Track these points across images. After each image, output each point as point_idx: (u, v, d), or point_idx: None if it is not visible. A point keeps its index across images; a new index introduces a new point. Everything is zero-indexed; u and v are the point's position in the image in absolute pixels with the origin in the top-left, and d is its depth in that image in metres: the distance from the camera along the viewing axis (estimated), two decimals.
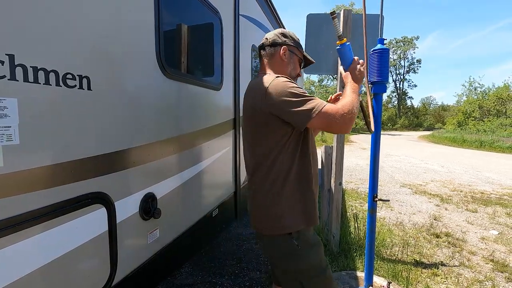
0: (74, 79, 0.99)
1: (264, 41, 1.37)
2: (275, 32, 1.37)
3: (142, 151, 1.36)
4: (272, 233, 1.21)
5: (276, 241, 1.22)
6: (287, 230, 1.19)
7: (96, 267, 1.13)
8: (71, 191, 1.00)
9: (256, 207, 1.27)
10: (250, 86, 1.33)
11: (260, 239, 1.32)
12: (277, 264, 1.30)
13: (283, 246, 1.21)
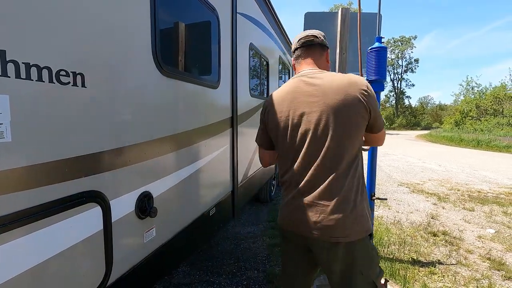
0: (68, 76, 0.97)
1: (315, 38, 1.28)
2: (322, 34, 1.32)
3: (138, 149, 1.35)
4: (359, 237, 1.15)
5: (360, 245, 1.16)
6: (369, 232, 1.19)
7: (91, 266, 1.12)
8: (65, 189, 0.98)
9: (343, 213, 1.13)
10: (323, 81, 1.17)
11: (334, 249, 1.16)
12: (356, 270, 1.17)
13: (367, 249, 1.19)
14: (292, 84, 1.25)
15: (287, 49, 5.66)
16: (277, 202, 4.87)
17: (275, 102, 1.27)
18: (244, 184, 3.01)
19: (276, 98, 1.28)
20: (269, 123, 1.29)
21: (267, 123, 1.31)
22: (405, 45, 40.11)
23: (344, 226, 1.13)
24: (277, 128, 1.25)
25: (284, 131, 1.23)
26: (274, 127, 1.27)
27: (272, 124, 1.28)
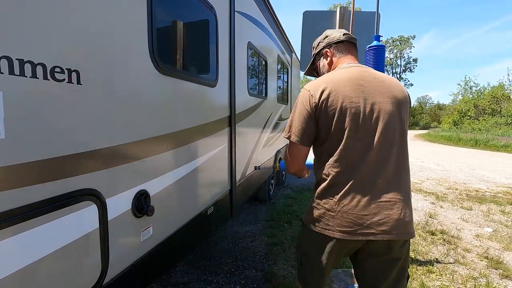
0: (63, 72, 0.96)
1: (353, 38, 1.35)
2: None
3: (134, 147, 1.34)
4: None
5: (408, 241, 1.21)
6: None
7: (86, 265, 1.11)
8: (60, 187, 0.97)
9: (410, 211, 1.15)
10: (385, 77, 1.21)
11: (404, 245, 1.18)
12: (405, 265, 1.21)
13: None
14: (353, 71, 1.18)
15: (286, 48, 5.66)
16: (275, 202, 4.86)
17: (336, 87, 1.12)
18: (242, 183, 3.00)
19: (336, 83, 1.13)
20: (329, 110, 1.11)
21: (324, 111, 1.12)
22: (404, 45, 40.18)
23: (413, 221, 1.18)
24: (342, 116, 1.10)
25: (353, 120, 1.10)
26: (339, 115, 1.10)
27: (334, 112, 1.11)
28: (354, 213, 1.10)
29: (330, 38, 1.32)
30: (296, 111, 1.20)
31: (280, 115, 5.03)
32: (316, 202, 1.20)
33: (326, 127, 1.14)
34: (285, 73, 5.81)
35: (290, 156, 1.27)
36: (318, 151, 1.23)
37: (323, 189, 1.17)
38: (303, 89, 1.20)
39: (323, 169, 1.17)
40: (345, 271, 2.58)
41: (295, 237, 3.29)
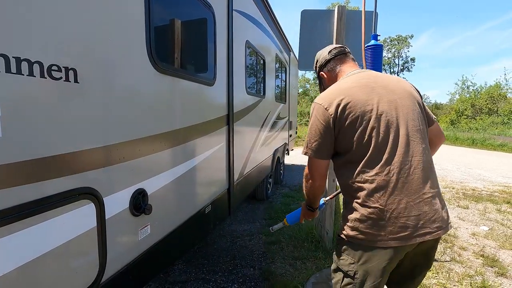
0: (60, 71, 0.96)
1: (345, 48, 1.38)
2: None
3: (132, 146, 1.34)
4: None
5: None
6: None
7: (84, 263, 1.11)
8: (57, 186, 0.97)
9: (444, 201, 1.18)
10: (388, 75, 1.26)
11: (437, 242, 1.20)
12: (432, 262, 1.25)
13: None
14: (359, 76, 1.20)
15: (284, 47, 5.66)
16: (273, 200, 4.87)
17: (349, 95, 1.12)
18: (240, 182, 3.01)
19: (348, 91, 1.13)
20: (349, 118, 1.10)
21: (343, 121, 1.11)
22: (402, 44, 40.29)
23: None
24: (364, 121, 1.09)
25: (375, 121, 1.08)
26: (360, 120, 1.09)
27: (355, 119, 1.10)
28: (405, 216, 1.05)
29: (320, 61, 1.38)
30: (312, 126, 1.18)
31: (278, 114, 5.03)
32: (358, 214, 1.10)
33: (349, 135, 1.11)
34: (283, 72, 5.82)
35: (312, 171, 1.23)
36: (342, 162, 1.18)
37: (364, 198, 1.09)
38: (315, 103, 1.18)
39: (356, 178, 1.11)
40: None
41: (292, 235, 3.30)
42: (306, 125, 25.43)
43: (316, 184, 1.26)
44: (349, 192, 1.15)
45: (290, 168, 7.95)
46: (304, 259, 2.81)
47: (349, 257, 1.15)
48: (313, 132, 1.17)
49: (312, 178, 1.25)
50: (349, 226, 1.13)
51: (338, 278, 1.20)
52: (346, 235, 1.15)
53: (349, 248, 1.15)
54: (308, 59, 2.98)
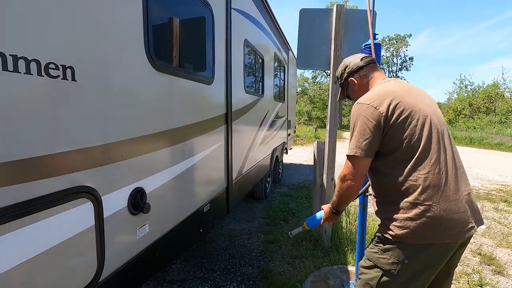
0: (58, 69, 0.96)
1: (372, 59, 1.45)
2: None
3: (130, 144, 1.33)
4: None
5: None
6: None
7: (82, 262, 1.11)
8: (55, 184, 0.97)
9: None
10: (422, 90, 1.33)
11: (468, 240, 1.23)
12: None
13: None
14: (395, 82, 1.29)
15: (283, 45, 5.65)
16: (272, 199, 4.88)
17: (398, 96, 1.18)
18: (239, 180, 3.01)
19: (395, 93, 1.20)
20: (401, 118, 1.15)
21: (395, 120, 1.15)
22: (400, 43, 40.35)
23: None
24: (413, 121, 1.15)
25: (422, 122, 1.15)
26: (410, 120, 1.15)
27: (406, 118, 1.15)
28: (456, 212, 1.09)
29: (351, 67, 1.40)
30: (358, 126, 1.19)
31: (276, 113, 5.04)
32: (409, 213, 1.11)
33: (398, 134, 1.15)
34: (282, 71, 5.82)
35: (355, 171, 1.21)
36: (388, 162, 1.19)
37: (416, 196, 1.10)
38: (362, 104, 1.21)
39: (407, 177, 1.12)
40: (340, 268, 2.60)
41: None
42: (305, 124, 25.10)
43: (356, 185, 1.25)
44: (396, 191, 1.15)
45: (289, 167, 7.96)
46: (303, 257, 2.82)
47: (392, 256, 1.15)
48: (362, 131, 1.18)
49: (353, 178, 1.23)
50: (398, 226, 1.12)
51: (374, 276, 1.19)
52: (393, 235, 1.13)
53: (395, 247, 1.14)
54: (307, 57, 2.98)
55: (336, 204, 1.40)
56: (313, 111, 33.87)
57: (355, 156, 1.19)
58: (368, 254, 1.24)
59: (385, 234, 1.17)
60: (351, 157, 1.21)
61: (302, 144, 14.25)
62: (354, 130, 1.21)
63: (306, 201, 4.70)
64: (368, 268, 1.23)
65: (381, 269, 1.17)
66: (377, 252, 1.20)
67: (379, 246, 1.19)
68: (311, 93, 36.63)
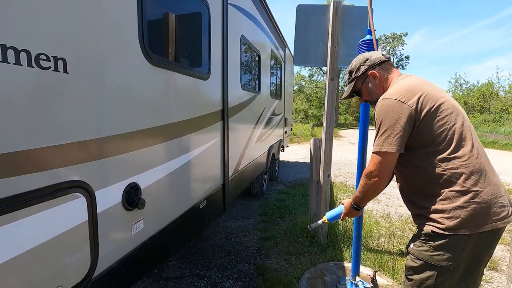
0: (49, 60, 0.93)
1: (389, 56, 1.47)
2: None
3: (124, 139, 1.31)
4: None
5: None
6: None
7: (75, 258, 1.09)
8: (46, 178, 0.95)
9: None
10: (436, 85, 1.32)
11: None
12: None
13: None
14: (420, 79, 1.30)
15: (279, 43, 5.63)
16: (268, 197, 4.88)
17: (426, 90, 1.19)
18: (235, 177, 3.00)
19: (422, 87, 1.20)
20: (431, 111, 1.15)
21: (426, 113, 1.15)
22: (396, 42, 40.51)
23: None
24: (444, 113, 1.15)
25: (451, 114, 1.16)
26: (441, 112, 1.15)
27: (436, 111, 1.15)
28: (499, 195, 1.11)
29: (372, 60, 1.39)
30: (387, 121, 1.18)
31: (273, 110, 5.02)
32: (457, 202, 1.09)
33: (431, 126, 1.15)
34: (279, 68, 5.80)
35: (383, 167, 1.21)
36: (423, 154, 1.18)
37: (462, 184, 1.09)
38: (389, 99, 1.19)
39: (447, 166, 1.12)
40: (336, 264, 2.61)
41: (287, 231, 3.31)
42: (302, 122, 25.16)
43: (383, 181, 1.25)
44: (438, 183, 1.13)
45: (285, 164, 7.96)
46: (299, 254, 2.82)
47: (447, 251, 1.11)
48: (392, 126, 1.17)
49: (380, 175, 1.22)
50: (448, 217, 1.09)
51: (429, 275, 1.15)
52: (444, 228, 1.10)
53: (448, 241, 1.10)
54: (304, 54, 2.97)
55: (360, 200, 1.39)
56: (310, 109, 33.93)
57: (384, 152, 1.18)
58: (417, 253, 1.18)
59: (434, 230, 1.12)
60: (380, 153, 1.19)
61: (298, 142, 14.27)
62: (381, 126, 1.19)
63: (303, 199, 4.71)
64: (420, 268, 1.17)
65: (437, 267, 1.13)
66: (428, 249, 1.15)
67: (430, 243, 1.14)
68: (308, 91, 36.67)
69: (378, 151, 1.19)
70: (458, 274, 1.13)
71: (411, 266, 1.20)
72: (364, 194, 1.34)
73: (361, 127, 2.15)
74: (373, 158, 1.23)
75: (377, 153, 1.20)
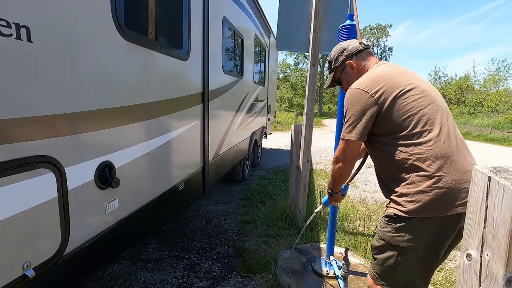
0: (10, 27, 0.88)
1: (367, 45, 1.46)
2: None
3: (96, 116, 1.27)
4: None
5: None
6: None
7: (44, 234, 1.07)
8: (9, 152, 0.91)
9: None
10: (414, 72, 1.31)
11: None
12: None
13: None
14: (387, 66, 1.31)
15: (264, 28, 5.56)
16: (250, 182, 4.92)
17: (388, 79, 1.20)
18: (216, 161, 2.99)
19: (386, 76, 1.21)
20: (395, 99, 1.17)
21: (390, 102, 1.17)
22: (381, 33, 40.96)
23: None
24: (410, 100, 1.16)
25: (421, 101, 1.16)
26: (406, 100, 1.16)
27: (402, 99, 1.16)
28: (466, 181, 1.09)
29: (349, 50, 1.40)
30: (354, 111, 1.21)
31: (256, 97, 5.01)
32: (420, 186, 1.11)
33: (397, 113, 1.16)
34: (263, 54, 5.75)
35: (347, 153, 1.28)
36: (390, 140, 1.20)
37: (426, 168, 1.11)
38: (356, 89, 1.22)
39: (413, 151, 1.13)
40: (312, 245, 2.70)
41: (267, 215, 3.37)
42: (286, 111, 25.18)
43: (347, 166, 1.32)
44: (404, 167, 1.15)
45: (268, 151, 8.02)
46: (278, 236, 2.89)
47: (407, 233, 1.15)
48: (354, 116, 1.21)
49: (344, 159, 1.30)
50: (410, 201, 1.12)
51: (391, 254, 1.20)
52: (406, 211, 1.13)
53: (409, 223, 1.14)
54: (286, 39, 2.94)
55: (332, 185, 1.49)
56: (295, 98, 34.05)
57: (347, 140, 1.24)
58: (381, 234, 1.23)
59: (396, 212, 1.16)
60: (344, 141, 1.25)
61: (282, 130, 14.37)
62: (346, 114, 1.24)
63: (284, 184, 4.79)
64: (383, 247, 1.23)
65: (397, 247, 1.18)
66: (390, 231, 1.20)
67: (392, 224, 1.19)
68: (293, 79, 36.69)
69: (342, 138, 1.26)
70: (417, 255, 1.16)
71: (376, 245, 1.27)
72: (333, 179, 1.44)
73: (338, 116, 2.20)
74: (339, 145, 1.30)
75: (342, 140, 1.26)
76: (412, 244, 1.15)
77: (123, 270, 2.29)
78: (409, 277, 1.21)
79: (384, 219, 1.24)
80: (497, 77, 26.21)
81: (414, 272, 1.20)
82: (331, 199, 1.61)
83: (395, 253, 1.19)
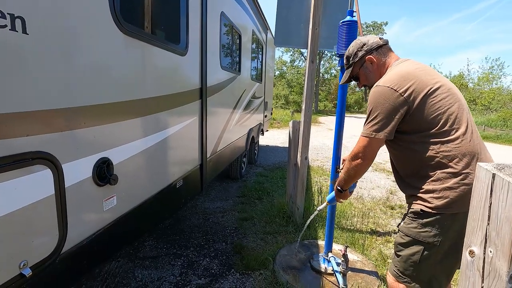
0: (4, 17, 0.85)
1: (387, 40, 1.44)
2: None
3: (93, 111, 1.24)
4: None
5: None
6: None
7: (41, 232, 1.04)
8: (4, 148, 0.88)
9: None
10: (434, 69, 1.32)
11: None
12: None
13: None
14: (411, 63, 1.29)
15: (262, 25, 5.52)
16: (247, 179, 4.91)
17: (417, 77, 1.19)
18: (213, 158, 2.98)
19: (414, 73, 1.20)
20: (424, 97, 1.17)
21: (419, 101, 1.16)
22: (377, 31, 41.07)
23: None
24: (438, 99, 1.16)
25: (447, 99, 1.16)
26: (434, 98, 1.16)
27: (429, 97, 1.16)
28: (462, 184, 1.12)
29: (369, 45, 1.38)
30: (379, 108, 1.20)
31: (253, 93, 4.98)
32: (447, 183, 1.13)
33: (425, 111, 1.16)
34: (260, 51, 5.71)
35: (368, 150, 1.26)
36: (418, 138, 1.20)
37: (453, 166, 1.13)
38: (382, 87, 1.21)
39: (440, 148, 1.14)
40: (311, 242, 2.70)
41: (265, 212, 3.36)
42: (282, 108, 25.11)
43: (366, 163, 1.31)
44: (430, 164, 1.17)
45: (265, 149, 8.01)
46: (275, 233, 2.89)
47: (434, 228, 1.16)
48: (383, 114, 1.20)
49: (363, 157, 1.28)
50: (437, 197, 1.14)
51: (416, 250, 1.21)
52: (433, 207, 1.15)
53: (436, 219, 1.15)
54: (285, 35, 2.92)
55: (343, 182, 1.45)
56: (291, 95, 34.05)
57: (373, 138, 1.22)
58: (406, 230, 1.24)
59: (423, 208, 1.17)
60: (368, 137, 1.23)
61: (279, 127, 14.36)
62: (372, 112, 1.23)
63: (281, 181, 4.79)
64: (408, 244, 1.23)
65: (423, 243, 1.19)
66: (416, 227, 1.20)
67: (418, 220, 1.20)
68: (289, 76, 36.64)
69: (366, 135, 1.24)
70: (443, 251, 1.17)
71: (400, 242, 1.26)
72: (348, 176, 1.40)
73: (338, 114, 2.19)
74: (360, 141, 1.27)
75: (365, 137, 1.24)
76: (438, 239, 1.16)
77: (120, 268, 2.27)
78: (433, 274, 1.22)
79: (408, 216, 1.25)
80: (491, 76, 26.49)
81: (437, 268, 1.21)
82: (339, 196, 1.58)
83: (421, 248, 1.19)
